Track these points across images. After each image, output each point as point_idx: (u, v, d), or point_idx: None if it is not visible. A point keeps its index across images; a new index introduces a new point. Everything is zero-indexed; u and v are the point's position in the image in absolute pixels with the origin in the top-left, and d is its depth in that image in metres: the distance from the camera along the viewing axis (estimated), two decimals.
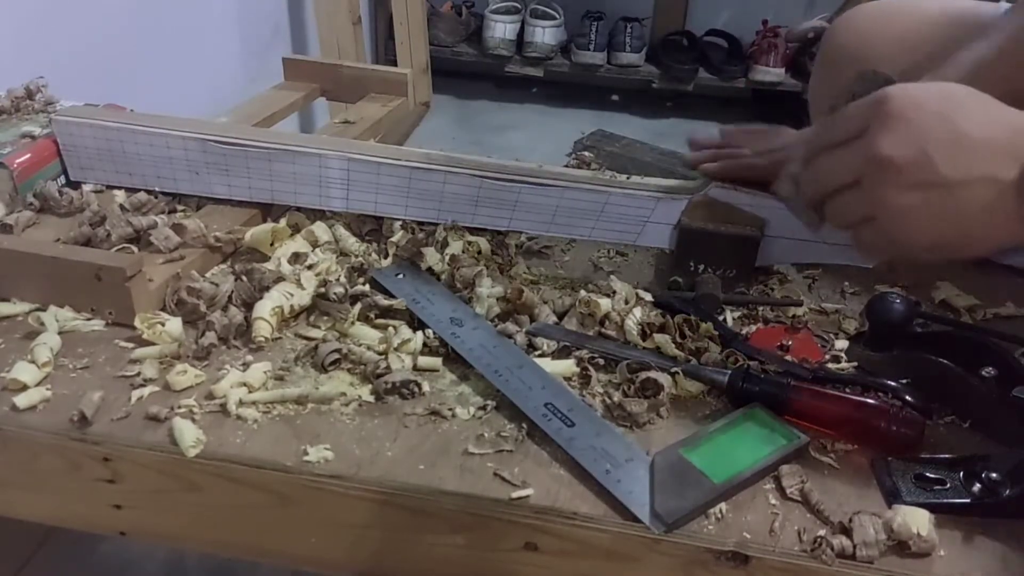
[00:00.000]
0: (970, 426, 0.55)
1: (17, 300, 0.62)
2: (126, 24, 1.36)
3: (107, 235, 0.67)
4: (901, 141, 0.45)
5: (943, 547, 0.46)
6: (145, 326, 0.59)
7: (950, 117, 0.45)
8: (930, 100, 0.46)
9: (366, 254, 0.71)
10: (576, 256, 0.75)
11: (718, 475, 0.49)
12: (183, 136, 0.72)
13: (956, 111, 0.46)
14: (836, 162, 0.49)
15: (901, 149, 0.45)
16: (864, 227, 0.49)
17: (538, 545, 0.49)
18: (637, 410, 0.54)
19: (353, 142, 0.77)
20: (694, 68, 2.63)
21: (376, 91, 1.06)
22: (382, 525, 0.51)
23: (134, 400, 0.54)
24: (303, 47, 2.12)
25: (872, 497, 0.49)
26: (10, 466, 0.54)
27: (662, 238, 0.70)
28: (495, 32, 2.65)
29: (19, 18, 1.12)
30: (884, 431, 0.52)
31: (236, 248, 0.70)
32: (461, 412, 0.55)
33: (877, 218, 0.47)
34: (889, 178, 0.45)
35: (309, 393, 0.55)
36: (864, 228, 0.49)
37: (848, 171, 0.48)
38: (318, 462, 0.50)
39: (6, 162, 0.73)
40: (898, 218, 0.46)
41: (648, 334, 0.62)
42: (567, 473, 0.50)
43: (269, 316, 0.60)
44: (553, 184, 0.69)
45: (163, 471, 0.52)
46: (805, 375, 0.57)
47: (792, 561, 0.46)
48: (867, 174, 0.47)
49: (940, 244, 0.47)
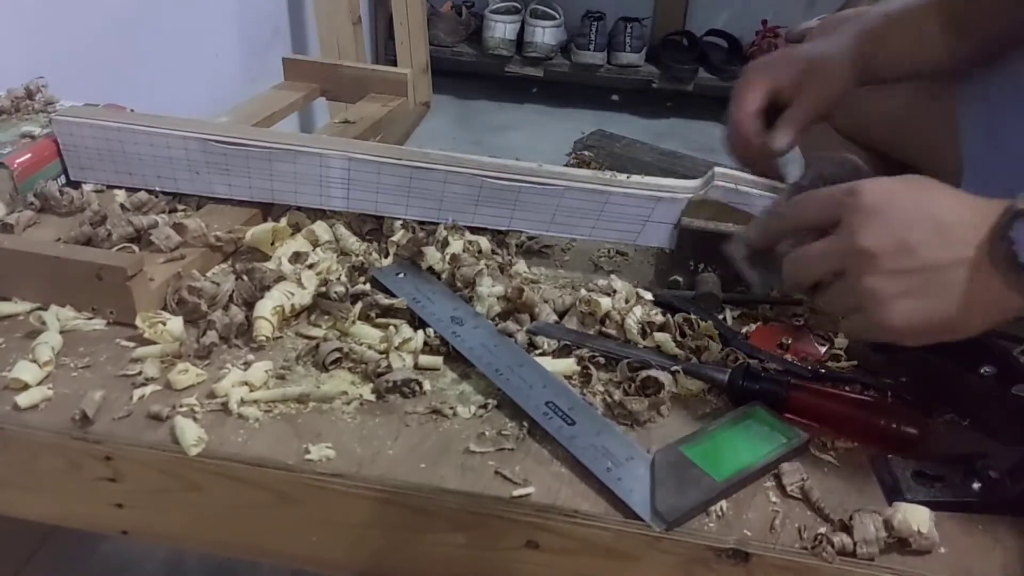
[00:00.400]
0: (969, 424, 0.56)
1: (18, 299, 0.63)
2: (126, 24, 1.36)
3: (108, 235, 0.67)
4: (880, 232, 0.47)
5: (943, 544, 0.46)
6: (146, 325, 0.59)
7: (922, 204, 0.47)
8: (901, 190, 0.48)
9: (367, 253, 0.71)
10: (576, 255, 0.75)
11: (719, 473, 0.49)
12: (183, 136, 0.72)
13: (926, 198, 0.48)
14: (818, 256, 0.50)
15: (881, 239, 0.47)
16: (854, 316, 0.50)
17: (539, 543, 0.49)
18: (638, 408, 0.54)
19: (354, 142, 0.77)
20: (694, 68, 2.64)
21: (376, 91, 1.06)
22: (383, 524, 0.51)
23: (135, 399, 0.54)
24: (303, 47, 2.12)
25: (872, 494, 0.50)
26: (11, 465, 0.54)
27: (662, 237, 0.70)
28: (495, 32, 2.65)
29: (19, 18, 1.12)
30: (884, 429, 0.52)
31: (237, 247, 0.70)
32: (462, 411, 0.55)
33: (864, 307, 0.48)
34: (872, 268, 0.47)
35: (310, 392, 0.55)
36: (854, 317, 0.50)
37: (831, 264, 0.50)
38: (319, 461, 0.50)
39: (6, 162, 0.73)
40: (884, 305, 0.47)
41: (648, 333, 0.62)
42: (568, 471, 0.50)
43: (270, 315, 0.60)
44: (553, 184, 0.69)
45: (164, 470, 0.52)
46: (805, 373, 0.58)
47: (793, 559, 0.46)
48: (850, 266, 0.48)
49: (928, 328, 0.47)
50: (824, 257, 0.50)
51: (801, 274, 0.51)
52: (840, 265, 0.49)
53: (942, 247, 0.46)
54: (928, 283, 0.46)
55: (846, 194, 0.49)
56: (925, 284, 0.46)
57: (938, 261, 0.46)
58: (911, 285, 0.46)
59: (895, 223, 0.47)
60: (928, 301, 0.47)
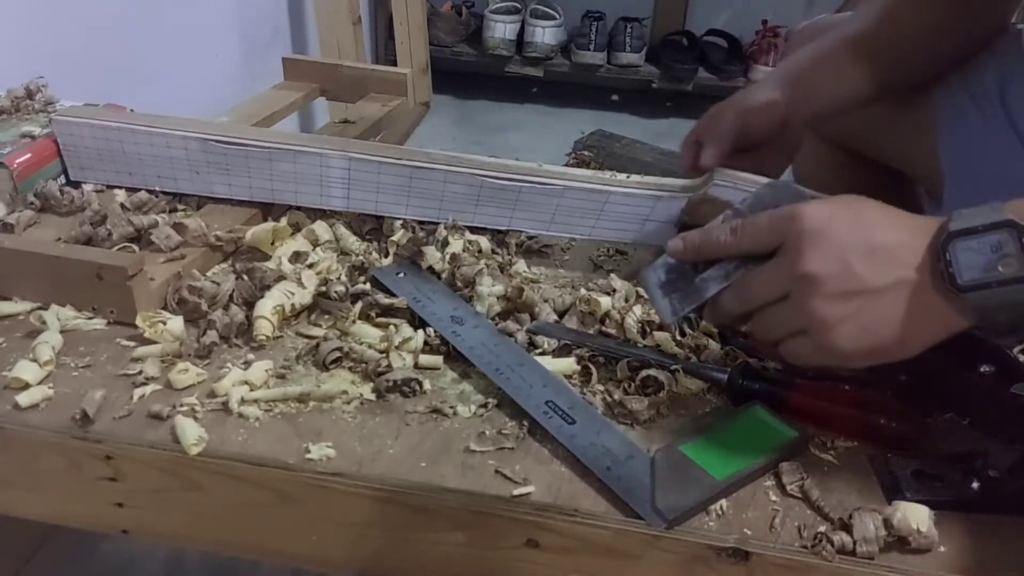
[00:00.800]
0: (969, 423, 0.56)
1: (19, 299, 0.63)
2: (126, 24, 1.36)
3: (108, 234, 0.67)
4: (822, 255, 0.47)
5: (943, 543, 0.46)
6: (147, 325, 0.59)
7: (860, 227, 0.48)
8: (838, 213, 0.48)
9: (367, 253, 0.71)
10: (576, 255, 0.76)
11: (719, 472, 0.49)
12: (183, 136, 0.72)
13: (863, 221, 0.48)
14: (763, 281, 0.50)
15: (824, 264, 0.47)
16: (794, 340, 0.50)
17: (539, 542, 0.49)
18: (638, 407, 0.54)
19: (354, 141, 0.78)
20: (694, 68, 2.64)
21: (376, 91, 1.07)
22: (383, 523, 0.51)
23: (136, 399, 0.54)
24: (303, 47, 2.12)
25: (872, 493, 0.50)
26: (11, 465, 0.54)
27: (662, 237, 0.70)
28: (495, 32, 2.65)
29: (19, 18, 1.12)
30: (883, 428, 0.52)
31: (237, 247, 0.70)
32: (462, 410, 0.55)
33: (808, 330, 0.49)
34: (817, 292, 0.47)
35: (311, 391, 0.55)
36: (794, 341, 0.50)
37: (774, 288, 0.50)
38: (320, 460, 0.50)
39: (6, 162, 0.73)
40: (830, 328, 0.47)
41: (648, 332, 0.62)
42: (568, 470, 0.50)
43: (270, 315, 0.60)
44: (553, 183, 0.69)
45: (165, 469, 0.52)
46: (805, 372, 0.57)
47: (793, 557, 0.46)
48: (794, 290, 0.48)
49: (873, 350, 0.48)
50: (769, 282, 0.50)
51: (744, 299, 0.51)
52: (784, 289, 0.49)
53: (884, 270, 0.47)
54: (872, 305, 0.47)
55: (787, 219, 0.49)
56: (869, 306, 0.47)
57: (880, 283, 0.47)
58: (855, 308, 0.47)
59: (837, 246, 0.47)
60: (872, 323, 0.47)
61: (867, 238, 0.47)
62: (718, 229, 0.53)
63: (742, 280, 0.52)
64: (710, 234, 0.53)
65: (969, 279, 0.45)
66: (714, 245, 0.53)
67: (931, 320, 0.47)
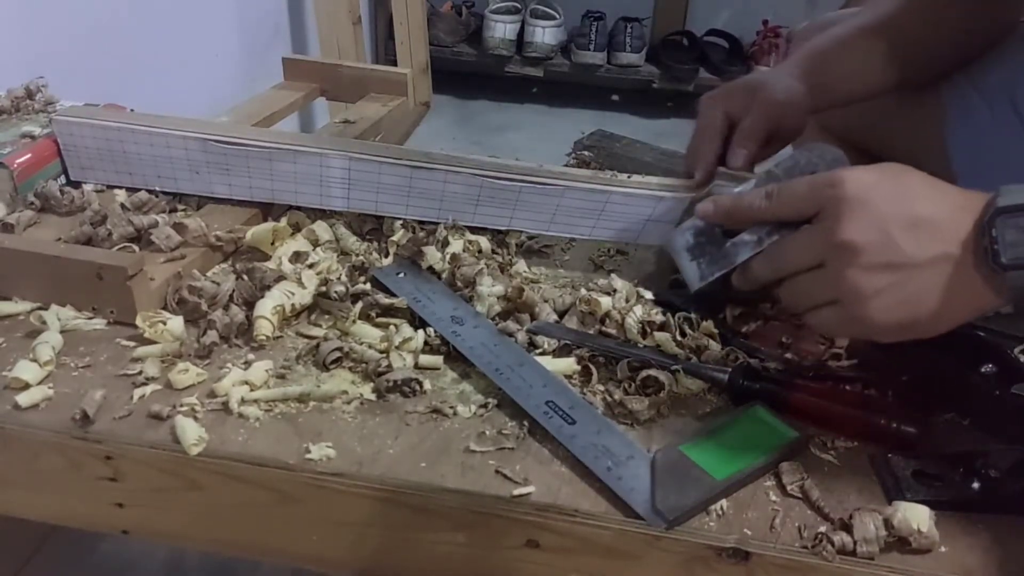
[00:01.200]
0: (969, 423, 0.55)
1: (19, 299, 0.63)
2: (126, 24, 1.36)
3: (108, 234, 0.67)
4: (863, 225, 0.46)
5: (943, 543, 0.46)
6: (147, 325, 0.59)
7: (904, 198, 0.47)
8: (882, 182, 0.47)
9: (367, 253, 0.71)
10: (576, 255, 0.75)
11: (719, 472, 0.49)
12: (183, 136, 0.72)
13: (907, 192, 0.47)
14: (796, 247, 0.49)
15: (864, 233, 0.46)
16: (825, 310, 0.49)
17: (539, 542, 0.49)
18: (638, 408, 0.54)
19: (354, 141, 0.78)
20: (694, 68, 2.64)
21: (376, 91, 1.06)
22: (384, 523, 0.51)
23: (136, 399, 0.54)
24: (303, 47, 2.12)
25: (872, 493, 0.50)
26: (11, 465, 0.54)
27: (663, 237, 0.70)
28: (495, 32, 2.65)
29: (19, 18, 1.12)
30: (884, 428, 0.52)
31: (237, 247, 0.70)
32: (462, 410, 0.55)
33: (841, 301, 0.48)
34: (856, 261, 0.46)
35: (311, 391, 0.55)
36: (825, 311, 0.49)
37: (810, 255, 0.49)
38: (320, 460, 0.50)
39: (6, 162, 0.73)
40: (865, 301, 0.47)
41: (649, 332, 0.62)
42: (568, 470, 0.50)
43: (270, 315, 0.60)
44: (553, 184, 0.69)
45: (165, 469, 0.52)
46: (805, 372, 0.58)
47: (793, 557, 0.46)
48: (831, 259, 0.47)
49: (905, 324, 0.47)
50: (805, 248, 0.49)
51: (776, 266, 0.50)
52: (820, 257, 0.48)
53: (926, 244, 0.46)
54: (911, 279, 0.46)
55: (828, 185, 0.48)
56: (907, 280, 0.46)
57: (922, 257, 0.46)
58: (893, 281, 0.46)
59: (879, 216, 0.46)
60: (909, 298, 0.46)
61: (910, 209, 0.46)
62: (752, 194, 0.52)
63: (775, 246, 0.50)
64: (743, 198, 0.52)
65: (1012, 257, 0.43)
66: (747, 210, 0.51)
67: (968, 297, 0.46)
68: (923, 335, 0.48)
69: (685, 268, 0.53)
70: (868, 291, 0.46)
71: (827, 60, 0.78)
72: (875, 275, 0.46)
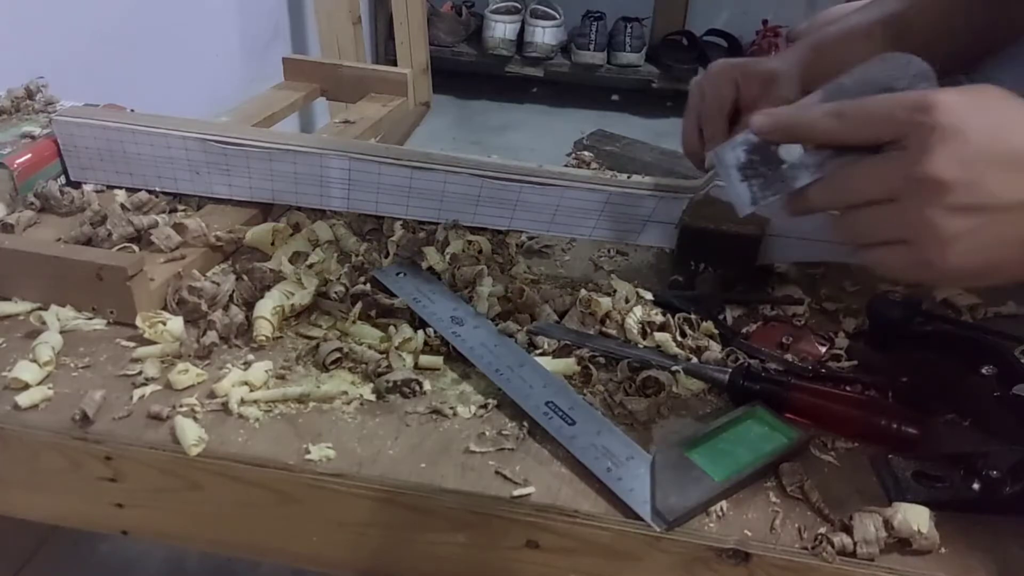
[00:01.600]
0: (970, 424, 0.55)
1: (19, 299, 0.63)
2: (126, 24, 1.36)
3: (108, 234, 0.67)
4: (953, 160, 0.41)
5: (944, 544, 0.46)
6: (146, 325, 0.59)
7: (1001, 131, 0.42)
8: (979, 111, 0.42)
9: (367, 253, 0.71)
10: (576, 255, 0.75)
11: (719, 473, 0.49)
12: (183, 136, 0.72)
13: (1005, 124, 0.42)
14: (868, 175, 0.44)
15: (953, 170, 0.41)
16: (895, 248, 0.44)
17: (539, 543, 0.49)
18: (638, 408, 0.54)
19: (354, 142, 0.78)
20: (694, 68, 2.64)
21: (376, 91, 1.06)
22: (383, 523, 0.51)
23: (136, 399, 0.54)
24: (303, 47, 2.12)
25: (872, 494, 0.50)
26: (11, 465, 0.54)
27: (663, 237, 0.70)
28: (495, 32, 2.65)
29: (19, 18, 1.12)
30: (884, 429, 0.52)
31: (237, 247, 0.70)
32: (462, 411, 0.55)
33: (914, 241, 0.43)
34: (939, 200, 0.41)
35: (310, 392, 0.55)
36: (895, 249, 0.44)
37: (883, 188, 0.43)
38: (320, 461, 0.50)
39: (6, 162, 0.73)
40: (943, 244, 0.42)
41: (649, 332, 0.62)
42: (568, 471, 0.50)
43: (270, 315, 0.60)
44: (553, 184, 0.69)
45: (165, 470, 0.52)
46: (805, 373, 0.58)
47: (793, 559, 0.46)
48: (909, 193, 0.42)
49: (981, 272, 0.43)
50: (878, 179, 0.43)
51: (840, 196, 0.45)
52: (895, 191, 0.43)
53: (1018, 185, 0.41)
54: (995, 224, 0.41)
55: (915, 109, 0.42)
56: (991, 225, 0.41)
57: (1011, 200, 0.41)
58: (976, 224, 0.41)
59: (972, 151, 0.41)
60: (989, 244, 0.42)
61: (1008, 144, 0.41)
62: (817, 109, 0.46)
63: (841, 173, 0.45)
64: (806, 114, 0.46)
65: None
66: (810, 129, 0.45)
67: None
68: (994, 283, 0.44)
69: (734, 189, 0.47)
70: (948, 234, 0.41)
71: (825, 53, 0.76)
72: (958, 217, 0.41)
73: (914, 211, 0.42)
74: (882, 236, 0.45)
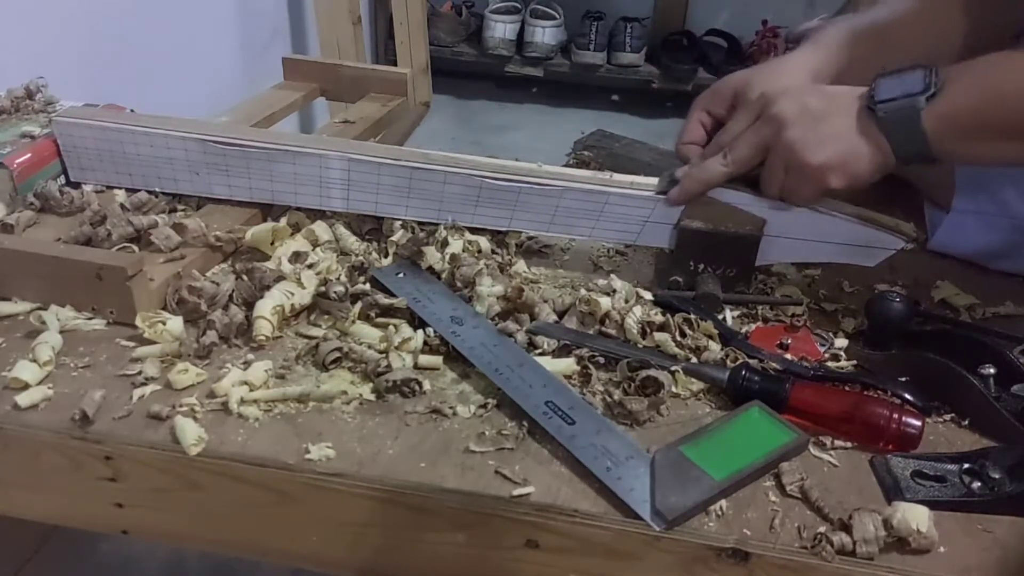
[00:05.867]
0: (969, 423, 0.56)
1: (18, 299, 0.63)
2: (126, 24, 1.36)
3: (108, 235, 0.67)
4: (786, 102, 0.63)
5: (943, 543, 0.46)
6: (146, 325, 0.59)
7: (813, 86, 0.68)
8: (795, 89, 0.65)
9: (366, 253, 0.71)
10: (576, 255, 0.76)
11: (718, 472, 0.49)
12: (183, 136, 0.72)
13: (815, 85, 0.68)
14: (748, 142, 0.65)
15: (788, 107, 0.63)
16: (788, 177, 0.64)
17: (539, 543, 0.49)
18: (637, 408, 0.54)
19: (353, 142, 0.78)
20: (694, 68, 2.64)
21: (376, 91, 1.06)
22: (383, 523, 0.51)
23: (135, 399, 0.54)
24: (303, 47, 2.12)
25: (872, 494, 0.50)
26: (11, 465, 0.54)
27: (662, 237, 0.70)
28: (495, 32, 2.65)
29: (19, 18, 1.12)
30: (883, 428, 0.52)
31: (237, 247, 0.70)
32: (462, 410, 0.55)
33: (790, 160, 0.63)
34: (786, 126, 0.62)
35: (310, 391, 0.55)
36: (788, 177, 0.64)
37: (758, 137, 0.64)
38: (319, 460, 0.50)
39: (6, 162, 0.73)
40: (803, 149, 0.62)
41: (648, 332, 0.62)
42: (568, 471, 0.50)
43: (270, 315, 0.60)
44: (553, 184, 0.69)
45: (165, 470, 0.52)
46: (805, 373, 0.58)
47: (792, 558, 0.46)
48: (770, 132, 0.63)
49: (848, 160, 0.62)
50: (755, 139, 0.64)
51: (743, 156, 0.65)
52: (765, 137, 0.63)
53: (832, 105, 0.63)
54: (827, 126, 0.62)
55: (759, 101, 0.66)
56: (825, 127, 0.62)
57: (830, 112, 0.62)
58: (817, 132, 0.62)
59: (795, 96, 0.63)
60: (830, 140, 0.62)
61: (818, 89, 0.65)
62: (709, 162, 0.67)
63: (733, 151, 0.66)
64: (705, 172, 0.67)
65: (882, 96, 0.61)
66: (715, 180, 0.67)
67: (871, 141, 0.61)
68: (860, 178, 0.62)
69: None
70: (801, 144, 0.62)
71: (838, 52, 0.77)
72: (802, 131, 0.62)
73: (777, 140, 0.63)
74: (779, 170, 0.64)
